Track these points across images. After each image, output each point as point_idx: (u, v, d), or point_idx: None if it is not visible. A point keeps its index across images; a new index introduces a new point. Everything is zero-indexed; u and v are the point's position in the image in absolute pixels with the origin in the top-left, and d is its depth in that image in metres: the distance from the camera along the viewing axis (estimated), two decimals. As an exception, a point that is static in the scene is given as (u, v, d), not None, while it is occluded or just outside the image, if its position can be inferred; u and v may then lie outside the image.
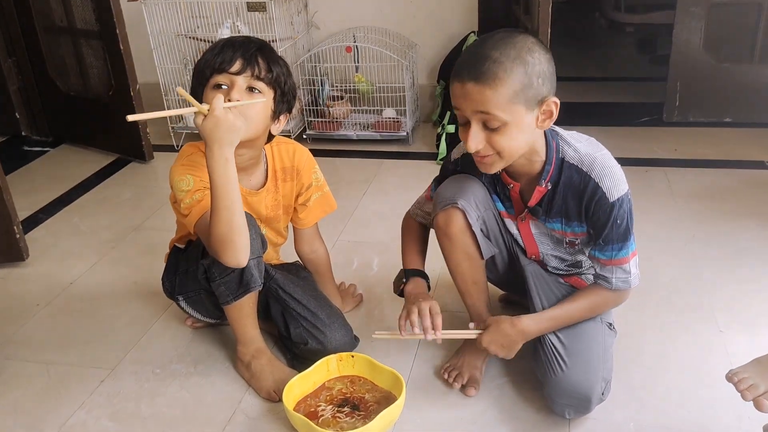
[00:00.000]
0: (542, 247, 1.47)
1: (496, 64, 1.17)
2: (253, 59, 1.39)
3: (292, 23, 2.88)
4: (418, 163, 2.74)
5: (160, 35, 2.85)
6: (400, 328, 1.40)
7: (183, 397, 1.54)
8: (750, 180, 2.44)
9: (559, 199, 1.34)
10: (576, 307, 1.40)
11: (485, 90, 1.18)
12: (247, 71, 1.38)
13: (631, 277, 1.37)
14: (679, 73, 2.90)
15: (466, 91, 1.20)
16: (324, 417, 1.41)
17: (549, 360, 1.37)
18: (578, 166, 1.31)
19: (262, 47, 1.43)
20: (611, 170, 1.30)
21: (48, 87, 3.05)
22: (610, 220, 1.31)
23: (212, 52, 1.40)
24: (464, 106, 1.22)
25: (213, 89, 1.38)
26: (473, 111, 1.21)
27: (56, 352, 1.71)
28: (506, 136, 1.22)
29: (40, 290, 1.99)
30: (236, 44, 1.40)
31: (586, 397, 1.33)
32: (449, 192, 1.43)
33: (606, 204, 1.30)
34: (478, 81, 1.18)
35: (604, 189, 1.29)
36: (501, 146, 1.24)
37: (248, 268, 1.41)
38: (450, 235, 1.43)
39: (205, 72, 1.39)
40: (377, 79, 2.91)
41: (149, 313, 1.84)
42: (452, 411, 1.47)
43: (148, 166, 2.84)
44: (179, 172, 1.43)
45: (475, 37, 2.80)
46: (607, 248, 1.34)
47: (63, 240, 2.28)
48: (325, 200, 1.68)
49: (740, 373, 1.13)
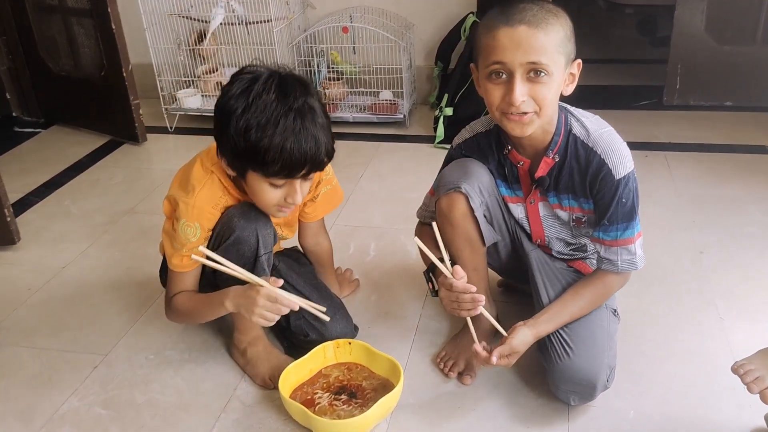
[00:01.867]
0: (548, 230, 1.45)
1: (544, 11, 1.17)
2: (320, 165, 1.31)
3: (287, 3, 2.83)
4: (415, 146, 2.71)
5: (153, 14, 2.80)
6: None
7: (177, 384, 1.52)
8: (751, 164, 2.42)
9: (566, 173, 1.33)
10: (582, 301, 1.37)
11: (539, 34, 1.16)
12: (311, 174, 1.32)
13: (637, 259, 1.35)
14: (680, 56, 2.87)
15: (517, 37, 1.17)
16: (321, 405, 1.39)
17: (554, 346, 1.35)
18: (584, 140, 1.30)
19: (325, 139, 1.29)
20: (617, 147, 1.28)
21: (39, 67, 3.00)
22: (615, 198, 1.29)
23: (281, 151, 1.23)
24: (512, 55, 1.18)
25: (267, 181, 1.30)
26: (521, 61, 1.18)
27: (48, 338, 1.69)
28: (549, 88, 1.21)
29: (32, 275, 1.96)
30: (304, 146, 1.24)
31: (591, 383, 1.32)
32: (453, 176, 1.40)
33: (612, 181, 1.28)
34: (532, 25, 1.16)
35: (610, 165, 1.27)
36: (543, 99, 1.21)
37: (260, 263, 1.39)
38: (452, 220, 1.40)
39: (269, 170, 1.26)
40: (374, 60, 2.87)
41: (143, 298, 1.82)
42: (451, 398, 1.45)
43: (141, 148, 2.80)
44: (190, 213, 1.35)
45: (474, 18, 2.75)
46: (611, 228, 1.32)
47: (55, 223, 2.25)
48: (334, 193, 1.62)
49: (746, 365, 1.12)
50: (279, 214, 1.40)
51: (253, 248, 1.38)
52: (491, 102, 1.25)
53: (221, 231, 1.38)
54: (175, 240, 1.39)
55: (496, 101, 1.24)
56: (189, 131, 2.92)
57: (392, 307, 1.75)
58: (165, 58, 2.88)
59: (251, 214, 1.38)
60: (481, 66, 1.25)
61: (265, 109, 1.24)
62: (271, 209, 1.37)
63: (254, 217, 1.38)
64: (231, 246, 1.36)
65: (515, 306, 1.67)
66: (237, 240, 1.36)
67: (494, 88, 1.23)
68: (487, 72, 1.23)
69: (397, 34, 2.84)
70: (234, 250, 1.37)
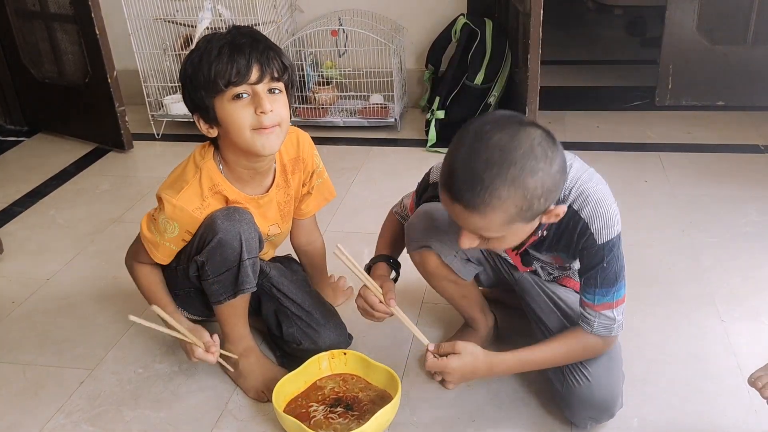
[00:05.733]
0: (534, 263, 1.41)
1: (487, 193, 1.01)
2: (270, 62, 1.29)
3: (275, 6, 2.80)
4: (406, 150, 2.68)
5: (137, 19, 2.75)
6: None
7: (167, 398, 1.48)
8: (745, 164, 2.40)
9: (549, 238, 1.26)
10: (554, 352, 1.28)
11: (474, 217, 1.05)
12: (266, 77, 1.29)
13: (615, 325, 1.24)
14: (672, 56, 2.86)
15: (455, 211, 1.07)
16: (316, 418, 1.35)
17: (573, 370, 1.29)
18: (570, 204, 1.18)
19: (268, 43, 1.32)
20: (604, 209, 1.17)
21: (21, 74, 2.94)
22: (597, 262, 1.21)
23: (219, 59, 1.26)
24: (454, 217, 1.10)
25: (232, 101, 1.28)
26: (464, 227, 1.10)
27: (33, 353, 1.64)
28: (503, 243, 1.14)
29: (16, 287, 1.91)
30: (243, 47, 1.27)
31: (609, 408, 1.29)
32: (420, 232, 1.38)
33: (593, 246, 1.19)
34: (467, 207, 1.04)
35: (593, 231, 1.18)
36: (497, 248, 1.21)
37: (243, 268, 1.35)
38: (428, 271, 1.43)
39: (218, 83, 1.27)
40: (364, 63, 2.84)
41: (131, 309, 1.73)
42: (450, 409, 1.41)
43: (127, 156, 2.75)
44: (171, 212, 1.34)
45: (465, 20, 2.72)
46: (590, 290, 1.23)
47: (39, 234, 2.19)
48: (325, 187, 1.60)
49: (763, 377, 1.09)
50: (263, 144, 1.31)
51: (237, 252, 1.34)
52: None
53: (204, 233, 1.35)
54: (153, 225, 1.38)
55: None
56: (176, 138, 2.87)
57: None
58: (151, 64, 2.83)
59: (235, 216, 1.34)
60: None
61: (203, 44, 1.30)
62: (251, 137, 1.29)
63: (238, 219, 1.34)
64: (214, 249, 1.33)
65: (515, 311, 1.64)
66: (220, 243, 1.32)
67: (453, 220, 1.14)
68: None
69: (387, 37, 2.81)
70: (217, 254, 1.33)
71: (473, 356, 1.26)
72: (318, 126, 2.84)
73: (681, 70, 2.87)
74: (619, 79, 3.32)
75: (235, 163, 1.37)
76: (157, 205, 1.40)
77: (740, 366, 1.47)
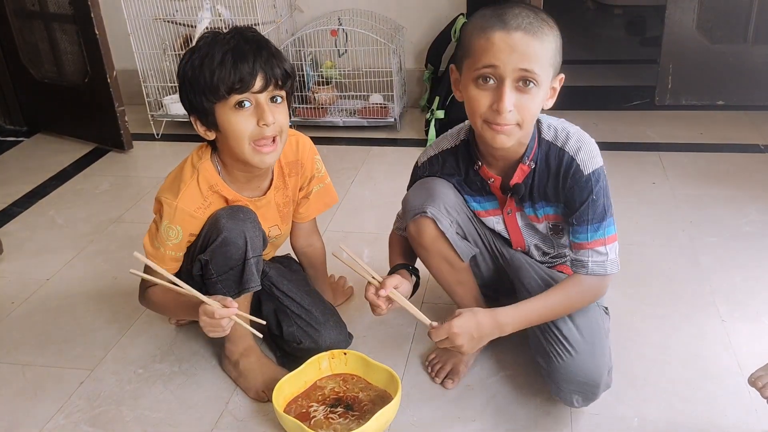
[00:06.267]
0: (528, 238, 1.42)
1: (539, 19, 1.14)
2: (273, 70, 1.28)
3: (274, 6, 2.80)
4: (406, 150, 2.67)
5: (137, 19, 2.75)
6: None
7: (167, 398, 1.47)
8: (746, 164, 2.40)
9: (537, 180, 1.29)
10: (553, 300, 1.29)
11: (535, 42, 1.13)
12: (270, 86, 1.28)
13: (608, 261, 1.27)
14: (672, 55, 2.85)
15: (513, 42, 1.12)
16: (316, 418, 1.34)
17: (552, 345, 1.30)
18: (553, 141, 1.27)
19: (272, 50, 1.30)
20: (586, 143, 1.26)
21: (21, 74, 2.94)
22: (586, 196, 1.25)
23: (222, 66, 1.24)
24: (506, 59, 1.13)
25: (234, 109, 1.27)
26: (514, 67, 1.13)
27: (32, 353, 1.63)
28: (535, 100, 1.17)
29: (15, 287, 1.90)
30: (247, 54, 1.25)
31: (594, 382, 1.27)
32: (417, 200, 1.37)
33: (581, 177, 1.24)
34: (528, 32, 1.12)
35: (578, 161, 1.25)
36: (528, 111, 1.17)
37: (248, 266, 1.35)
38: (424, 244, 1.38)
39: (220, 90, 1.25)
40: (363, 63, 2.83)
41: (130, 309, 1.76)
42: (451, 408, 1.41)
43: (127, 156, 2.74)
44: (173, 216, 1.33)
45: (465, 19, 2.72)
46: (582, 229, 1.27)
47: (39, 234, 2.19)
48: (327, 193, 1.59)
49: (764, 377, 1.09)
50: (261, 159, 1.31)
51: (241, 250, 1.34)
52: (474, 109, 1.19)
53: (208, 232, 1.35)
54: (155, 239, 1.38)
55: (481, 108, 1.17)
56: (176, 138, 2.87)
57: (388, 315, 1.69)
58: (150, 64, 2.83)
59: (239, 215, 1.34)
60: (468, 68, 1.18)
61: (204, 47, 1.27)
62: (249, 148, 1.29)
63: (242, 218, 1.34)
64: (218, 248, 1.33)
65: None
66: (224, 241, 1.32)
67: (480, 94, 1.17)
68: (475, 75, 1.16)
69: (387, 36, 2.80)
70: (221, 253, 1.33)
71: (473, 313, 1.27)
72: (317, 126, 2.84)
73: (681, 70, 2.86)
74: (619, 79, 3.32)
75: (232, 166, 1.37)
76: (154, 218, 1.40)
77: (740, 366, 1.47)
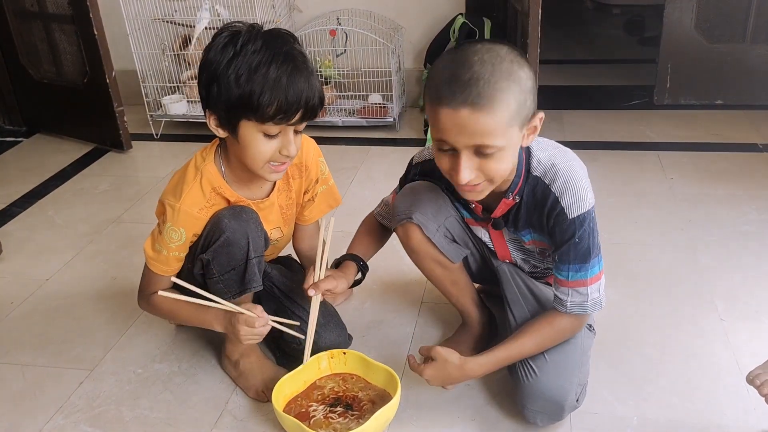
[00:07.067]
0: (514, 253, 1.41)
1: (489, 85, 1.03)
2: (315, 109, 1.26)
3: (273, 6, 2.79)
4: (406, 150, 2.67)
5: (136, 19, 2.75)
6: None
7: (166, 398, 1.47)
8: (744, 163, 2.40)
9: (523, 211, 1.26)
10: (529, 343, 1.28)
11: (484, 118, 1.04)
12: (304, 121, 1.27)
13: (588, 302, 1.24)
14: (670, 55, 2.85)
15: (458, 121, 1.05)
16: (316, 418, 1.34)
17: (520, 365, 1.30)
18: (541, 177, 1.21)
19: (317, 84, 1.26)
20: (575, 184, 1.19)
21: (20, 75, 2.94)
22: (568, 238, 1.21)
23: (275, 88, 1.19)
24: (455, 138, 1.07)
25: (261, 132, 1.25)
26: (466, 144, 1.08)
27: (32, 353, 1.63)
28: (500, 162, 1.11)
29: (14, 287, 1.90)
30: (298, 85, 1.21)
31: (558, 404, 1.27)
32: (404, 204, 1.38)
33: (564, 220, 1.20)
34: (476, 107, 1.03)
35: (563, 205, 1.19)
36: (494, 173, 1.12)
37: (250, 266, 1.35)
38: (412, 248, 1.42)
39: (264, 113, 1.21)
40: (362, 63, 2.83)
41: (129, 309, 1.76)
42: (450, 408, 1.41)
43: (126, 156, 2.74)
44: (176, 218, 1.32)
45: (463, 19, 2.72)
46: (563, 268, 1.24)
47: (38, 234, 2.19)
48: (330, 194, 1.58)
49: (761, 375, 1.09)
50: (271, 176, 1.33)
51: (244, 250, 1.34)
52: (441, 168, 1.17)
53: (210, 232, 1.34)
54: (157, 242, 1.37)
55: (445, 170, 1.15)
56: (175, 138, 2.86)
57: (387, 315, 1.71)
58: (149, 64, 2.83)
59: (241, 216, 1.34)
60: (430, 129, 1.15)
61: (254, 55, 1.20)
62: (263, 167, 1.29)
63: (245, 219, 1.34)
64: (220, 248, 1.32)
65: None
66: (226, 242, 1.32)
67: (442, 157, 1.14)
68: (435, 137, 1.13)
69: (386, 36, 2.80)
70: (224, 253, 1.33)
71: (447, 364, 1.28)
72: (317, 126, 2.84)
73: (679, 69, 2.87)
74: (618, 78, 3.32)
75: (237, 167, 1.37)
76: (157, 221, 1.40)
77: (739, 364, 1.47)
